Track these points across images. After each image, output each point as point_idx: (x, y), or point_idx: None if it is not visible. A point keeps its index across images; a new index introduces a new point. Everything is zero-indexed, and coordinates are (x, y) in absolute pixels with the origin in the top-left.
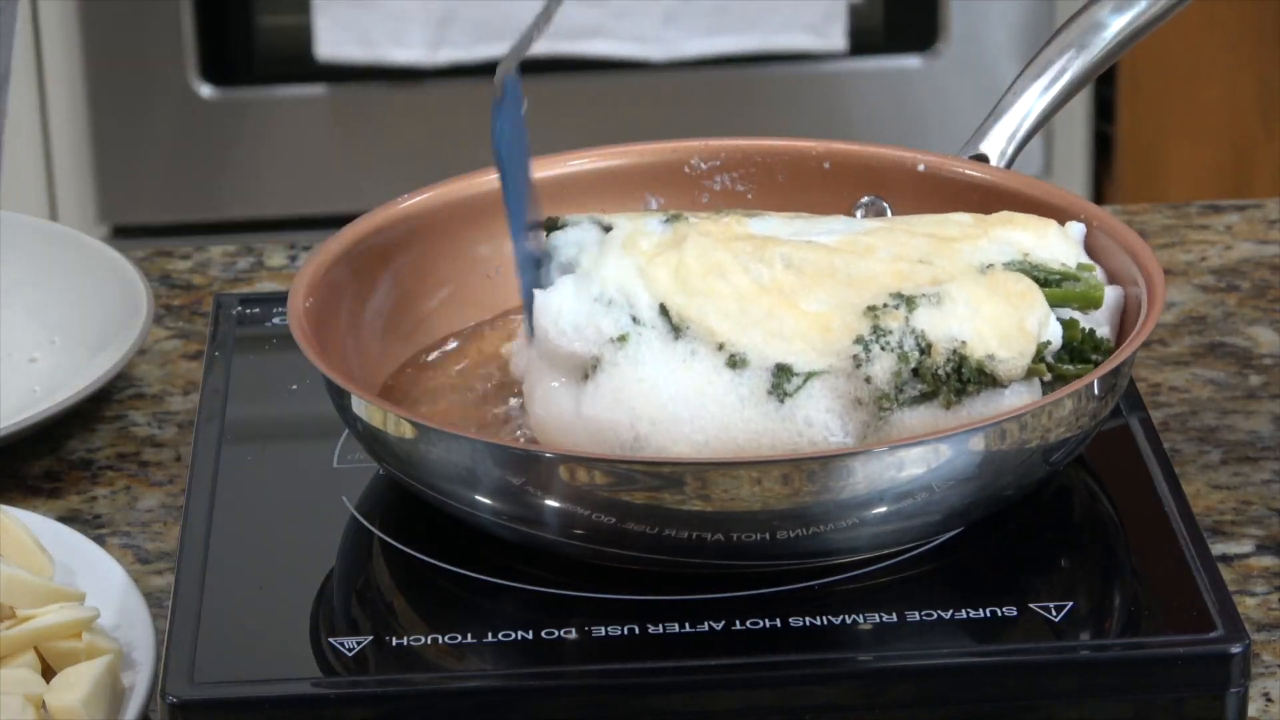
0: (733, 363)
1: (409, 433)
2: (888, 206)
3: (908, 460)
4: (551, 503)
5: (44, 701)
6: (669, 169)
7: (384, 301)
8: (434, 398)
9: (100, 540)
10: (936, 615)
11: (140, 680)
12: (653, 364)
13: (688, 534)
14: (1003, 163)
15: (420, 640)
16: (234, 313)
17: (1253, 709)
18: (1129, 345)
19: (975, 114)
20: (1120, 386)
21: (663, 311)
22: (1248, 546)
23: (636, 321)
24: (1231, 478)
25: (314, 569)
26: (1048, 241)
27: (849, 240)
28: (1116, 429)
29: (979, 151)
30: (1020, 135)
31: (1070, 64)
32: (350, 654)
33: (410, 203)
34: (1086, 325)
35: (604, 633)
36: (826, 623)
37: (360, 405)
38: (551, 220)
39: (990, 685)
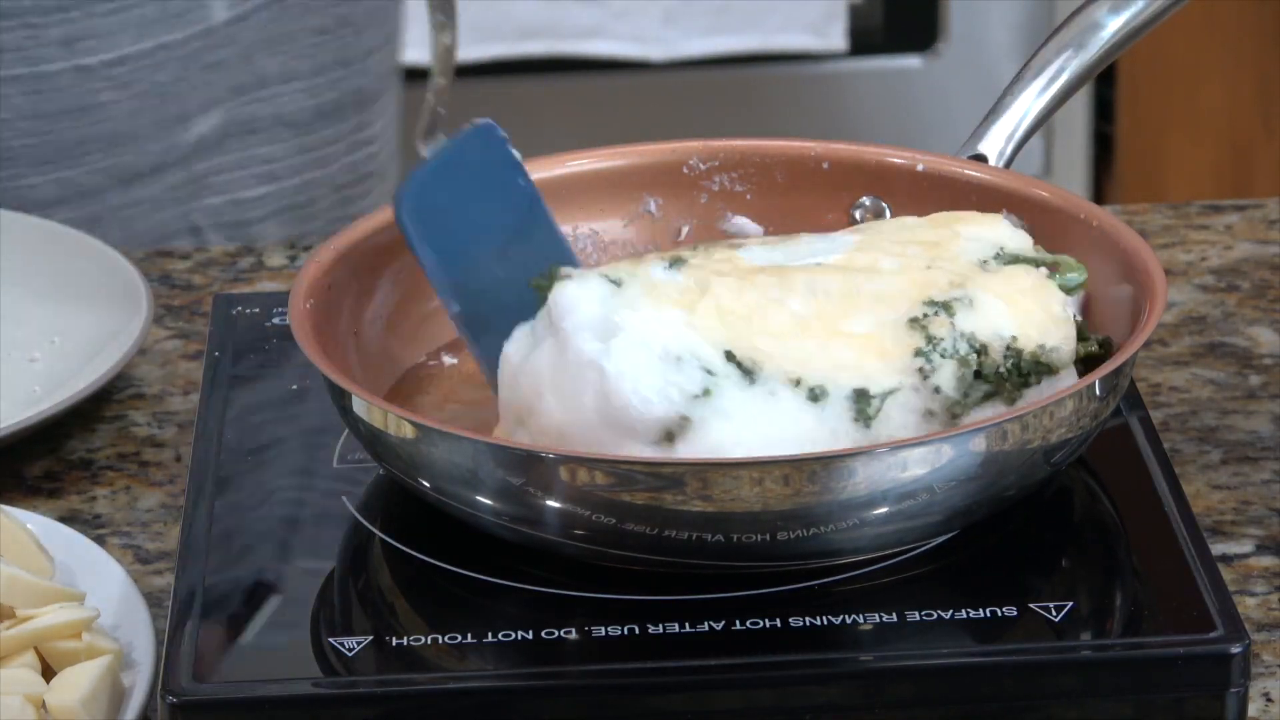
0: (813, 396)
1: (410, 433)
2: (887, 207)
3: (909, 460)
4: (552, 503)
5: (44, 701)
6: (667, 169)
7: (386, 302)
8: (436, 398)
9: (100, 540)
10: (936, 615)
11: (140, 680)
12: (740, 413)
13: (688, 535)
14: (1001, 163)
15: (420, 640)
16: (234, 313)
17: (1253, 709)
18: (1131, 345)
19: (975, 114)
20: (1121, 387)
21: (729, 358)
22: (1248, 546)
23: (710, 373)
24: (1231, 478)
25: (314, 569)
26: (1007, 233)
27: (847, 259)
28: (1116, 429)
29: (977, 152)
30: (1019, 135)
31: (1068, 64)
32: (350, 654)
33: None
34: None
35: (604, 633)
36: (826, 623)
37: (361, 406)
38: (547, 276)
39: (990, 685)
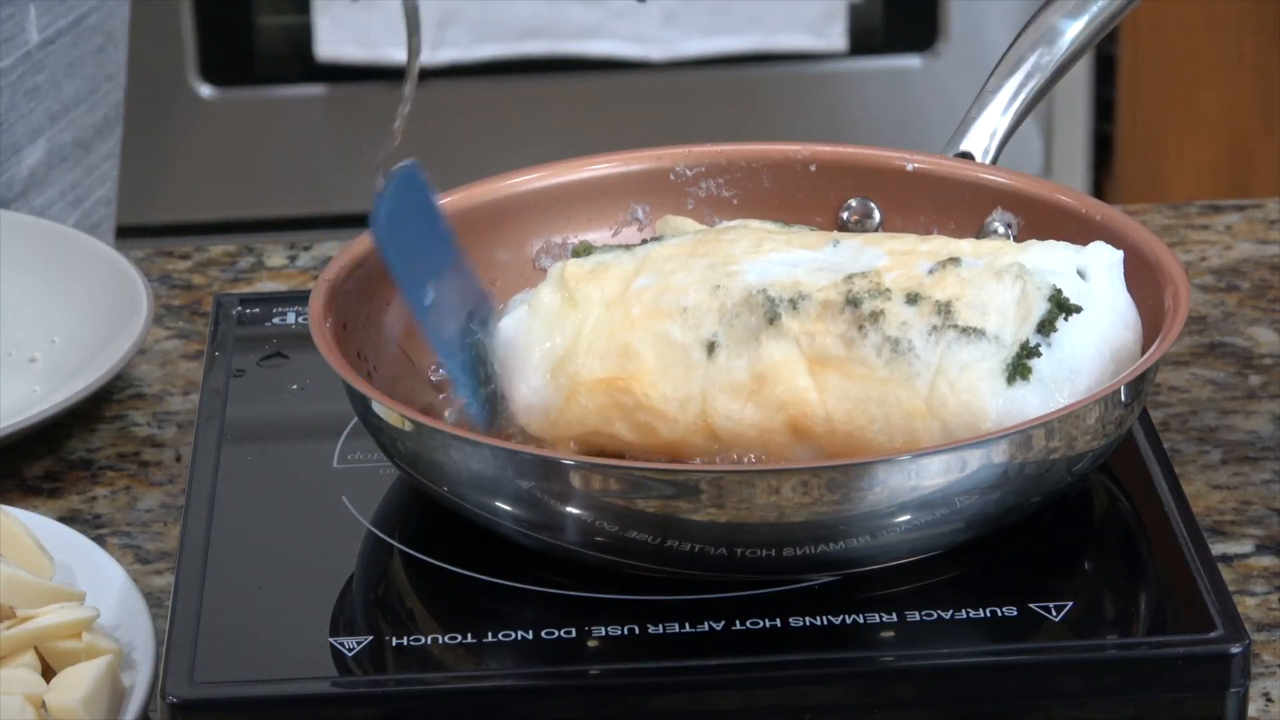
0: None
1: (427, 437)
2: (876, 208)
3: (931, 469)
4: (565, 508)
5: (44, 701)
6: (653, 177)
7: (404, 306)
8: (452, 402)
9: (100, 540)
10: (937, 616)
11: (140, 680)
12: None
13: (699, 546)
14: (987, 159)
15: (420, 640)
16: (234, 313)
17: (1253, 709)
18: (1155, 351)
19: None
20: (1145, 393)
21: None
22: (1248, 546)
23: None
24: (1231, 478)
25: (314, 569)
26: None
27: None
28: None
29: (962, 150)
30: (1002, 132)
31: (1043, 58)
32: (350, 654)
33: None
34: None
35: (604, 633)
36: (827, 623)
37: (380, 409)
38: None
39: (991, 685)
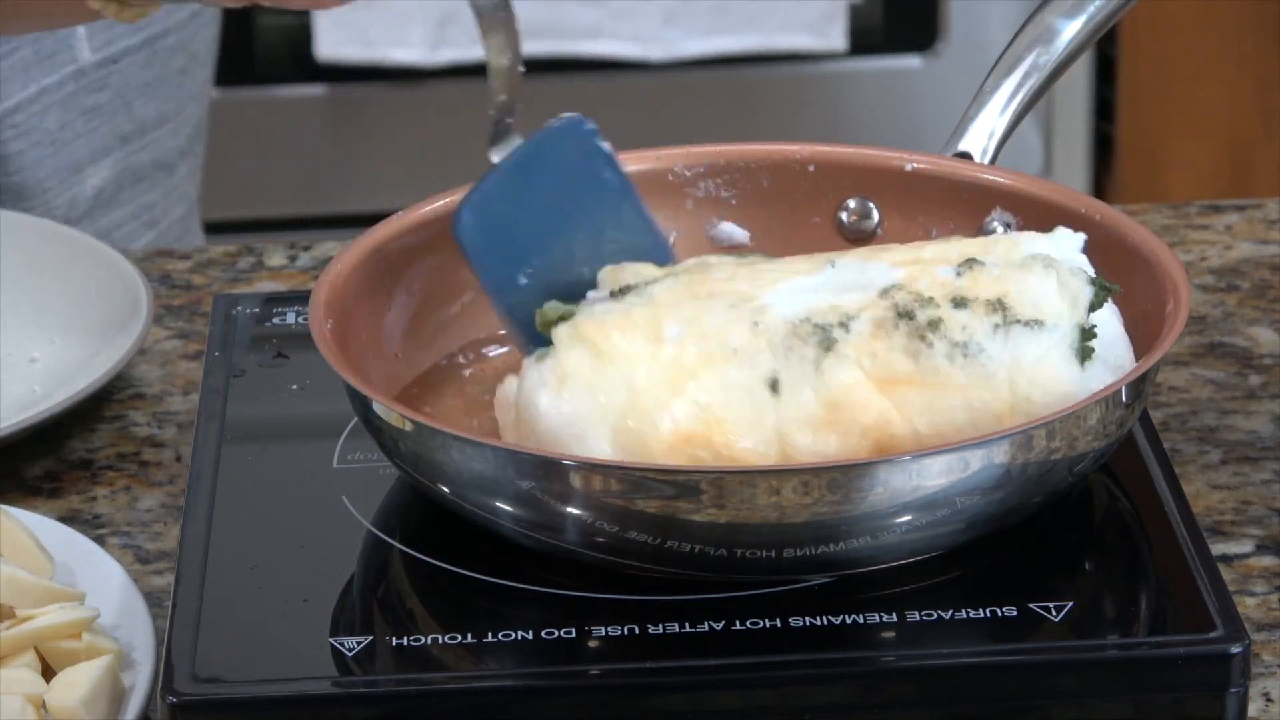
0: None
1: (429, 438)
2: (874, 207)
3: (933, 469)
4: (565, 509)
5: (44, 701)
6: (652, 177)
7: (405, 307)
8: (455, 402)
9: (100, 540)
10: (936, 615)
11: (140, 680)
12: None
13: (700, 546)
14: (986, 159)
15: (420, 640)
16: (234, 313)
17: (1253, 709)
18: (1156, 351)
19: None
20: (1146, 393)
21: None
22: (1248, 546)
23: None
24: (1231, 478)
25: (314, 569)
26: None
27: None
28: None
29: (961, 150)
30: (1000, 132)
31: (1040, 58)
32: (350, 654)
33: (431, 207)
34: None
35: (604, 633)
36: (826, 623)
37: (381, 410)
38: (551, 315)
39: (990, 685)
